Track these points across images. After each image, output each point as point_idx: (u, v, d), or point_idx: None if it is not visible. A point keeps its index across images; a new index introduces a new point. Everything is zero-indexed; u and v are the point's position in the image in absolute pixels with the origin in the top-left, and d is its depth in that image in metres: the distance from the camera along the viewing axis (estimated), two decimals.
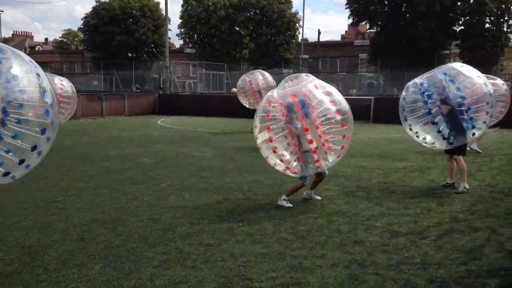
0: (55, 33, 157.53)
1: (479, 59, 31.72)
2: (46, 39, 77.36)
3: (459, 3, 36.09)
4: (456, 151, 7.02)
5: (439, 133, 6.92)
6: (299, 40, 46.60)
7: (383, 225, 5.29)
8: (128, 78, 38.19)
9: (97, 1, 47.33)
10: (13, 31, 72.97)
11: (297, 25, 46.34)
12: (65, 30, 79.40)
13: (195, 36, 46.25)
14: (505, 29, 36.92)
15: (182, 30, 47.16)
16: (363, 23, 42.08)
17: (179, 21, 47.03)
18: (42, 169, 4.71)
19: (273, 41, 44.87)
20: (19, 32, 72.65)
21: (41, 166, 4.14)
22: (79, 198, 6.53)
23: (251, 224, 5.33)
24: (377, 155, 10.59)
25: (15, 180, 3.95)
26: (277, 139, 5.91)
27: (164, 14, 38.76)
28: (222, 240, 4.77)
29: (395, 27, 36.87)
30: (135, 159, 9.93)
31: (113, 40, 45.30)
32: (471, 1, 35.50)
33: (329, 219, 5.55)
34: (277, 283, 3.73)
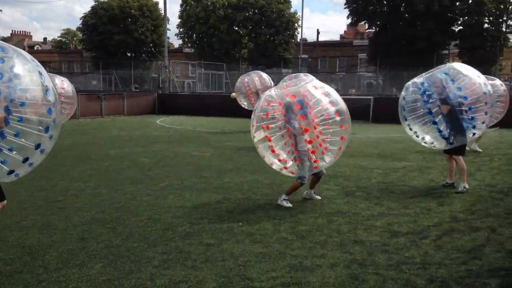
0: (53, 33, 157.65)
1: (478, 59, 31.76)
2: (45, 38, 77.36)
3: (457, 3, 36.12)
4: (455, 151, 7.02)
5: (439, 132, 6.93)
6: (298, 40, 46.61)
7: (383, 225, 5.29)
8: (127, 77, 38.16)
9: (96, 1, 47.30)
10: (12, 31, 72.99)
11: (296, 25, 46.32)
12: (64, 29, 79.40)
13: (194, 35, 46.23)
14: (504, 29, 36.97)
15: (181, 29, 47.13)
16: (362, 23, 42.11)
17: (178, 20, 47.05)
18: (42, 169, 4.71)
19: (272, 41, 44.86)
20: (17, 31, 72.55)
21: (40, 166, 4.14)
22: (78, 197, 6.53)
23: (251, 224, 5.33)
24: (376, 155, 10.59)
25: (18, 178, 3.96)
26: (274, 139, 5.92)
27: (163, 13, 38.69)
28: (222, 239, 4.77)
29: (394, 27, 36.89)
30: (134, 159, 9.93)
31: (112, 39, 45.25)
32: (470, 1, 35.53)
33: (329, 218, 5.55)
34: (277, 283, 3.73)
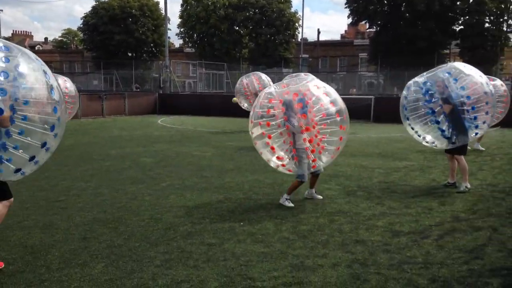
0: (54, 33, 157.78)
1: (479, 58, 31.74)
2: (45, 38, 77.40)
3: (458, 3, 36.09)
4: (457, 151, 7.01)
5: (442, 132, 6.92)
6: (299, 39, 46.63)
7: (385, 225, 5.29)
8: (128, 77, 38.20)
9: (96, 1, 47.34)
10: (13, 31, 72.97)
11: (297, 24, 46.35)
12: (65, 29, 79.54)
13: (195, 35, 46.25)
14: (505, 28, 36.93)
15: (181, 29, 47.19)
16: (363, 22, 42.08)
17: (179, 20, 47.08)
18: (43, 169, 4.72)
19: (273, 40, 44.87)
20: (18, 31, 72.58)
21: (42, 165, 4.15)
22: (80, 197, 6.53)
23: (253, 223, 5.33)
24: (377, 155, 10.59)
25: (24, 176, 3.98)
26: (273, 137, 5.93)
27: (163, 13, 38.74)
28: (223, 239, 4.77)
29: (395, 27, 36.88)
30: (135, 159, 9.93)
31: (113, 39, 45.28)
32: (471, 0, 35.49)
33: (331, 218, 5.55)
34: (279, 283, 3.73)
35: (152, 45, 48.36)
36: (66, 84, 12.43)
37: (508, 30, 37.03)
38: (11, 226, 5.14)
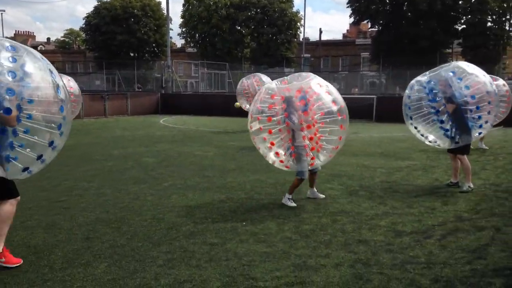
0: (56, 33, 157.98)
1: (481, 57, 31.63)
2: (48, 38, 77.52)
3: (460, 2, 36.03)
4: (460, 151, 6.99)
5: (445, 131, 6.90)
6: (301, 39, 46.61)
7: (387, 224, 5.28)
8: (130, 77, 38.23)
9: (98, 1, 47.42)
10: (15, 31, 73.08)
11: (299, 24, 46.35)
12: (67, 29, 79.57)
13: (197, 35, 46.30)
14: (507, 27, 36.84)
15: (183, 29, 47.23)
16: (365, 22, 42.06)
17: (181, 20, 47.15)
18: (45, 169, 4.70)
19: (275, 40, 44.86)
20: (21, 31, 72.70)
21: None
22: (82, 197, 6.54)
23: (255, 223, 5.33)
24: (379, 154, 10.57)
25: (31, 174, 4.00)
26: (273, 132, 5.93)
27: (165, 13, 38.72)
28: (226, 239, 4.77)
29: (397, 26, 36.83)
30: (138, 159, 9.94)
31: (115, 39, 45.37)
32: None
33: (333, 218, 5.55)
34: (281, 283, 3.73)
35: (154, 45, 48.45)
36: (70, 83, 12.54)
37: (510, 29, 36.95)
38: (14, 226, 5.11)
